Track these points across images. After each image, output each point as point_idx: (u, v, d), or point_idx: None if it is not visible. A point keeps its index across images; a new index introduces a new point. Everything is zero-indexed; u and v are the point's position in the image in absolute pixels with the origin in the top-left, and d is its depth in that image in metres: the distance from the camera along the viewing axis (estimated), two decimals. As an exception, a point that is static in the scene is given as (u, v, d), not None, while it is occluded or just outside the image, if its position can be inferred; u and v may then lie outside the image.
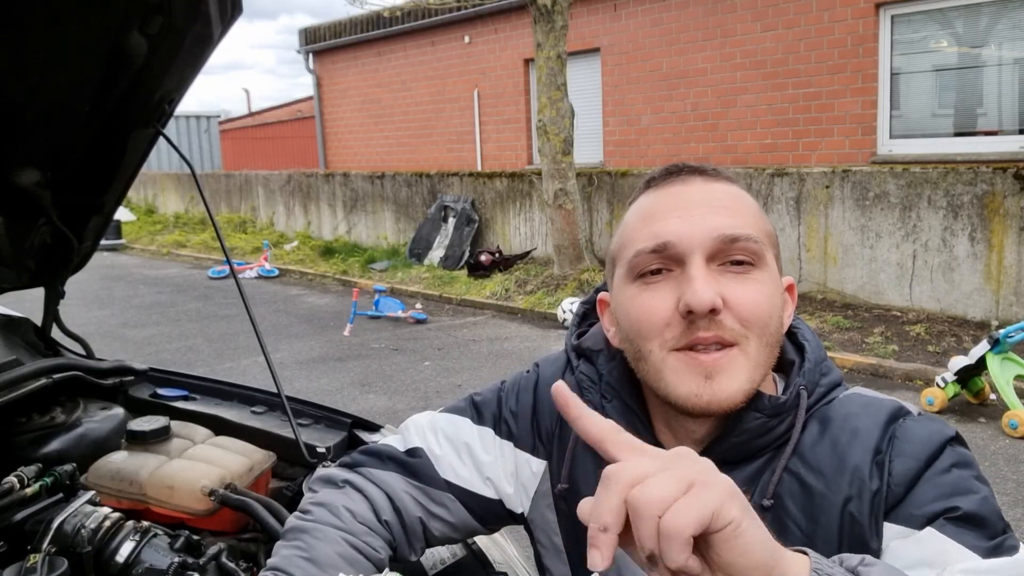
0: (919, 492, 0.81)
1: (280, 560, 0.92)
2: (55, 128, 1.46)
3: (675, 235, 0.83)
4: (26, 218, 1.64)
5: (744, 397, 0.83)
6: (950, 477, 0.81)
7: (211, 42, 1.46)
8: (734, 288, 0.83)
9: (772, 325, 0.84)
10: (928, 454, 0.82)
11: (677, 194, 0.88)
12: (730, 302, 0.82)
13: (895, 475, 0.82)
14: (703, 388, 0.82)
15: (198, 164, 20.61)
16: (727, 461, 0.88)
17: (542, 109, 8.55)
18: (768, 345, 0.84)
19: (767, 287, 0.85)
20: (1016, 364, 4.81)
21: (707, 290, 0.80)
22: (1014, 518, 3.62)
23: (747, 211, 0.87)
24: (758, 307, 0.83)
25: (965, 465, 0.83)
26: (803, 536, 0.83)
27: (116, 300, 9.67)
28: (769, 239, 0.88)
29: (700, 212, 0.84)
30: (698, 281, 0.81)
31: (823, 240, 7.43)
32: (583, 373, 0.97)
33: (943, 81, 8.44)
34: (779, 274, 0.89)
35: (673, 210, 0.86)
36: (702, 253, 0.82)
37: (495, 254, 9.88)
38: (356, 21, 14.79)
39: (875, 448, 0.83)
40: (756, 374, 0.84)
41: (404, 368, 6.40)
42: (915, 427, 0.85)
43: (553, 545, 1.00)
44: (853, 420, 0.86)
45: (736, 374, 0.82)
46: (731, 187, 0.89)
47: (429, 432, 1.05)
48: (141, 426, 1.48)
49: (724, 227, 0.83)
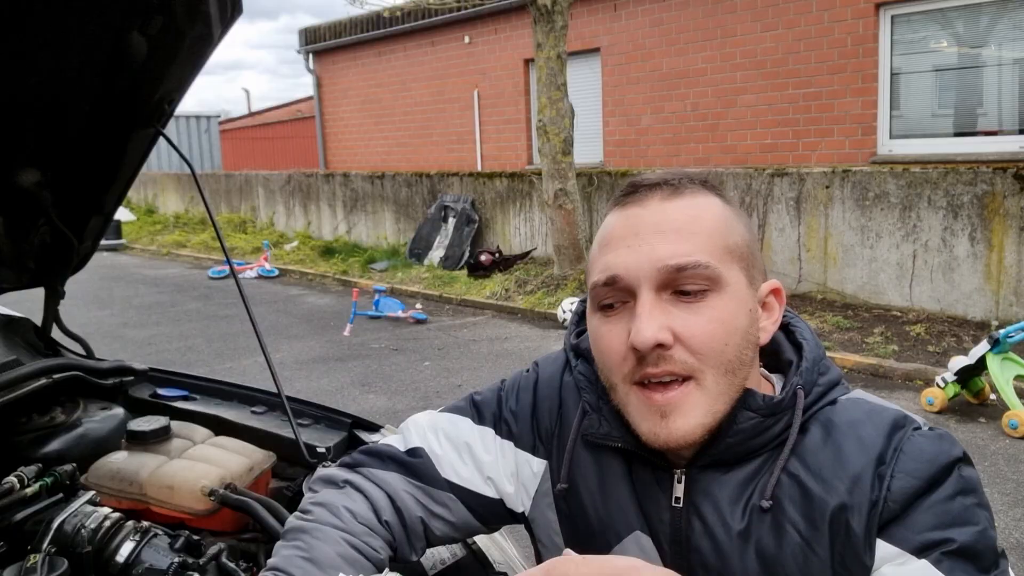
0: (918, 517, 0.79)
1: (280, 560, 0.92)
2: (55, 128, 1.46)
3: (623, 268, 0.83)
4: (26, 218, 1.64)
5: (703, 432, 0.84)
6: (952, 506, 0.79)
7: (211, 42, 1.46)
8: (685, 319, 0.82)
9: (729, 352, 0.83)
10: (932, 475, 0.80)
11: (632, 218, 0.86)
12: (680, 335, 0.82)
13: (894, 491, 0.80)
14: (659, 427, 0.83)
15: (198, 164, 20.61)
16: (722, 463, 0.88)
17: (542, 109, 8.55)
18: (728, 372, 0.83)
19: (724, 312, 0.83)
20: (1016, 364, 4.80)
21: (649, 328, 0.80)
22: (1014, 518, 3.62)
23: (702, 230, 0.84)
24: (711, 338, 0.82)
25: (969, 492, 0.80)
26: (802, 541, 0.83)
27: (116, 300, 9.67)
28: (733, 254, 0.85)
29: (649, 241, 0.83)
30: (641, 319, 0.81)
31: (823, 240, 7.43)
32: (581, 373, 0.97)
33: (943, 81, 8.44)
34: (751, 286, 0.87)
35: (624, 239, 0.85)
36: (649, 285, 0.82)
37: (495, 254, 9.88)
38: (356, 21, 14.79)
39: (878, 458, 0.82)
40: (717, 405, 0.83)
41: (404, 368, 6.40)
42: (923, 443, 0.82)
43: (554, 545, 1.00)
44: (858, 427, 0.85)
45: (691, 410, 0.83)
46: (692, 201, 0.86)
47: (430, 432, 1.05)
48: (141, 426, 1.48)
49: (670, 257, 0.82)
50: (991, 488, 3.92)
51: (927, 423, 0.86)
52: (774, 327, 0.90)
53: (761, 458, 0.87)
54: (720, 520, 0.86)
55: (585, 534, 0.96)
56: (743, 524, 0.85)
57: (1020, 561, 3.29)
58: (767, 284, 0.90)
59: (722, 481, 0.87)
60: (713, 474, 0.88)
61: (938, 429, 0.85)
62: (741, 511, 0.86)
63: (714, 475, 0.88)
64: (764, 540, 0.84)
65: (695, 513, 0.88)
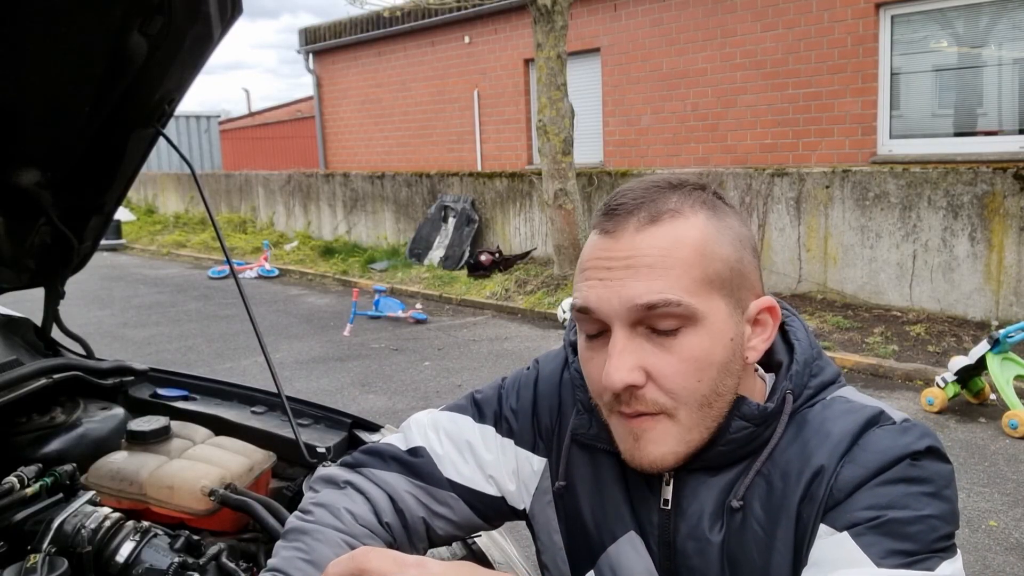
0: (855, 499, 0.78)
1: (280, 561, 0.92)
2: (55, 128, 1.46)
3: (595, 302, 0.83)
4: (26, 218, 1.64)
5: (675, 459, 0.84)
6: (891, 490, 0.77)
7: (211, 42, 1.46)
8: (657, 358, 0.81)
9: (703, 388, 0.82)
10: (879, 464, 0.79)
11: (605, 250, 0.84)
12: (653, 374, 0.81)
13: (839, 480, 0.80)
14: (634, 449, 0.85)
15: (198, 164, 20.61)
16: (712, 467, 0.88)
17: (542, 109, 8.55)
18: (703, 406, 0.83)
19: (697, 350, 0.81)
20: (1016, 364, 4.81)
21: (619, 371, 0.80)
22: (1014, 518, 3.62)
23: (677, 264, 0.81)
24: (683, 377, 0.81)
25: (918, 481, 0.78)
26: (764, 535, 0.83)
27: (116, 300, 9.67)
28: (712, 284, 0.82)
29: (620, 278, 0.81)
30: (612, 360, 0.81)
31: (823, 240, 7.43)
32: (576, 371, 0.97)
33: (943, 81, 8.45)
34: (738, 308, 0.85)
35: (596, 272, 0.84)
36: (621, 323, 0.82)
37: (495, 254, 9.88)
38: (356, 21, 14.79)
39: (842, 453, 0.81)
40: (691, 435, 0.84)
41: (404, 368, 6.40)
42: (883, 437, 0.81)
43: (553, 543, 1.00)
44: (828, 424, 0.84)
45: (662, 439, 0.83)
46: (670, 229, 0.82)
47: (431, 431, 1.05)
48: (141, 426, 1.48)
49: (640, 296, 0.80)
50: (991, 488, 3.92)
51: (910, 419, 0.84)
52: (765, 344, 0.88)
53: (745, 461, 0.87)
54: (703, 523, 0.87)
55: (582, 533, 0.96)
56: (721, 525, 0.86)
57: (1020, 561, 3.29)
58: (759, 302, 0.87)
59: (709, 484, 0.88)
60: (701, 477, 0.88)
61: (911, 424, 0.83)
62: (721, 513, 0.87)
63: (702, 478, 0.88)
64: (733, 539, 0.85)
65: (681, 516, 0.89)
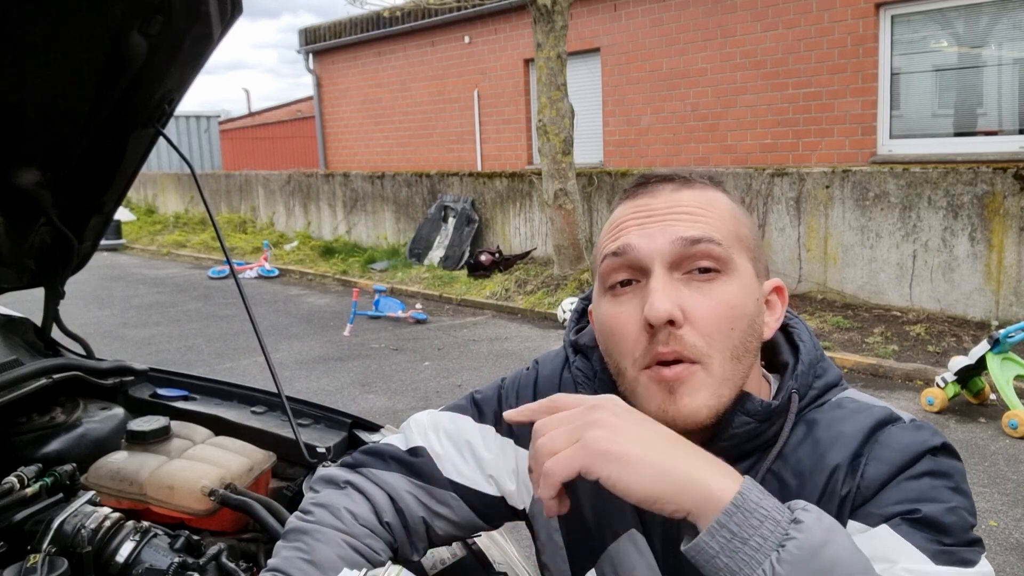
0: (884, 494, 0.80)
1: (280, 561, 0.92)
2: (55, 128, 1.46)
3: (637, 241, 0.84)
4: (26, 218, 1.64)
5: (708, 414, 0.83)
6: (919, 484, 0.79)
7: (211, 42, 1.46)
8: (696, 299, 0.82)
9: (736, 336, 0.83)
10: (903, 461, 0.81)
11: (644, 206, 0.87)
12: (691, 315, 0.81)
13: (866, 478, 0.81)
14: (668, 403, 0.83)
15: (198, 164, 20.61)
16: None
17: (542, 109, 8.55)
18: (735, 358, 0.83)
19: (733, 296, 0.83)
20: (1016, 364, 4.81)
21: (664, 301, 0.80)
22: (1014, 518, 3.62)
23: (714, 215, 0.86)
24: (719, 319, 0.82)
25: (941, 475, 0.80)
26: None
27: (116, 300, 9.67)
28: (742, 243, 0.87)
29: (662, 222, 0.84)
30: (656, 293, 0.81)
31: (823, 240, 7.43)
32: (578, 368, 0.97)
33: (943, 81, 8.45)
34: (758, 278, 0.88)
35: (636, 220, 0.86)
36: (662, 262, 0.82)
37: (495, 254, 9.88)
38: (356, 21, 14.79)
39: (855, 452, 0.83)
40: (723, 390, 0.83)
41: (404, 368, 6.40)
42: (899, 434, 0.83)
43: (552, 542, 1.00)
44: (839, 424, 0.86)
45: (697, 389, 0.82)
46: (703, 192, 0.88)
47: (431, 431, 1.05)
48: (141, 426, 1.48)
49: (683, 232, 0.83)
50: (991, 488, 3.92)
51: (916, 419, 0.86)
52: (776, 324, 0.91)
53: (750, 460, 0.87)
54: None
55: (582, 531, 0.96)
56: None
57: (1020, 561, 3.29)
58: (770, 282, 0.91)
59: None
60: None
61: (920, 422, 0.86)
62: None
63: None
64: None
65: None
